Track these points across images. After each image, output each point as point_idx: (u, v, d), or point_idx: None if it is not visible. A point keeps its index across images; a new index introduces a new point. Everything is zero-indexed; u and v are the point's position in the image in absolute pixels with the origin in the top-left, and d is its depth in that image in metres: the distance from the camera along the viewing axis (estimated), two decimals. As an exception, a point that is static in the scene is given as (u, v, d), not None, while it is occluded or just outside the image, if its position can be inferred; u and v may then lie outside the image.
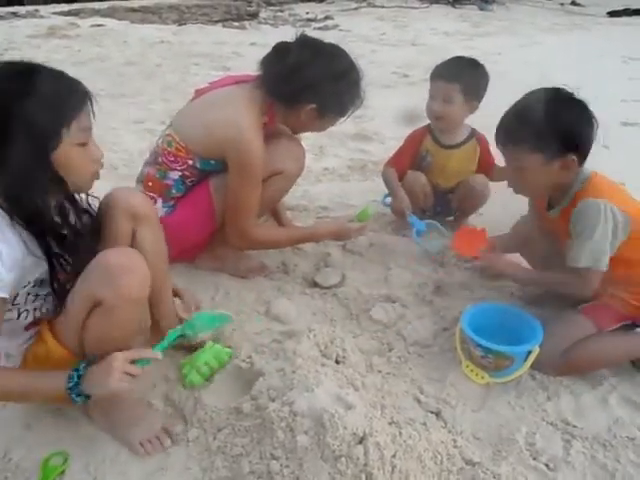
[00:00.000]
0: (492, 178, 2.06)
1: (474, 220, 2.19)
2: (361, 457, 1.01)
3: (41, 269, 1.06)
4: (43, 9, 8.49)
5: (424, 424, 1.17)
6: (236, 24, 7.46)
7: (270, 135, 1.66)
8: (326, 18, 8.05)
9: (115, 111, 3.74)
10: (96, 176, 1.11)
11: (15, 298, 1.06)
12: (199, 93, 1.67)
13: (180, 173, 1.63)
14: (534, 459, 1.16)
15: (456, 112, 1.96)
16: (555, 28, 7.75)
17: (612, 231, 1.30)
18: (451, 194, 2.10)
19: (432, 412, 1.25)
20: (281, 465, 1.05)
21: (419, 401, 1.28)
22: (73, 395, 1.01)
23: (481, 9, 9.49)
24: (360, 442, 1.04)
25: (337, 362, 1.36)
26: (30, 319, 1.12)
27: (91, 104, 1.05)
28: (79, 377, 1.01)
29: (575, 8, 10.02)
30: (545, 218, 1.49)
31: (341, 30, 7.24)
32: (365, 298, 1.70)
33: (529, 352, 1.32)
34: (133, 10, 8.51)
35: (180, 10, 8.72)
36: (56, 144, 0.99)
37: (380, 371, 1.38)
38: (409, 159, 2.09)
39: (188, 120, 1.62)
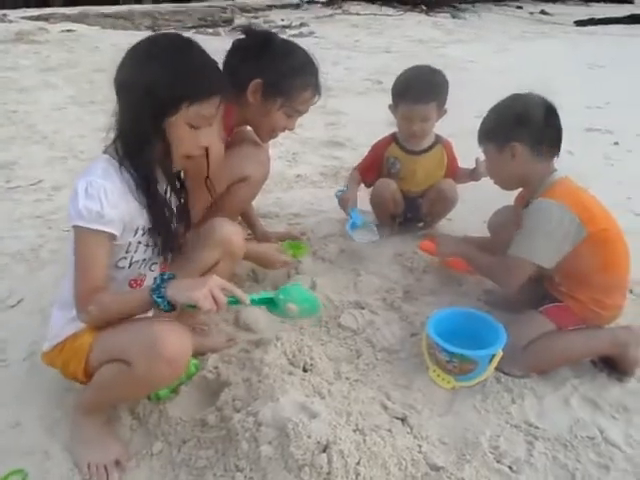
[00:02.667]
0: (457, 181, 2.10)
1: (444, 225, 2.23)
2: (325, 465, 1.01)
3: (147, 217, 1.16)
4: (12, 13, 8.33)
5: (389, 430, 1.18)
6: (210, 30, 7.44)
7: (234, 142, 1.65)
8: (301, 25, 8.10)
9: (83, 118, 3.69)
10: (190, 159, 1.20)
11: (128, 246, 1.17)
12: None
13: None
14: (498, 462, 1.17)
15: (432, 126, 2.00)
16: (525, 36, 7.96)
17: (563, 232, 1.35)
18: (421, 199, 2.12)
19: (398, 418, 1.26)
20: (245, 476, 1.04)
21: (385, 407, 1.28)
22: (155, 296, 1.04)
23: (454, 17, 9.68)
24: (324, 450, 1.04)
25: (305, 370, 1.36)
26: (139, 272, 1.22)
27: (220, 102, 1.16)
28: (162, 281, 1.06)
29: (544, 17, 10.30)
30: (519, 215, 1.53)
31: (316, 37, 7.30)
32: (334, 305, 1.71)
33: (493, 355, 1.34)
34: (105, 16, 8.42)
35: (153, 16, 8.67)
36: (173, 112, 1.10)
37: (348, 378, 1.39)
38: (376, 167, 2.11)
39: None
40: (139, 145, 1.11)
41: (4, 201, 2.50)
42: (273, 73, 1.54)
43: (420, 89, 1.90)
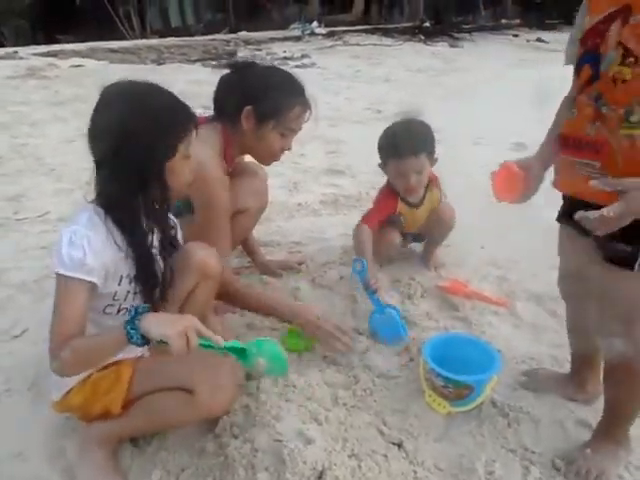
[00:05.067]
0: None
1: (443, 250, 2.25)
2: (320, 492, 1.03)
3: (132, 265, 1.18)
4: (22, 50, 8.62)
5: (385, 456, 1.19)
6: (214, 63, 7.66)
7: (235, 173, 1.71)
8: (303, 57, 8.33)
9: (91, 151, 3.79)
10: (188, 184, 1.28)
11: (115, 294, 1.19)
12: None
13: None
14: (493, 486, 1.18)
15: (426, 177, 2.00)
16: (523, 64, 8.12)
17: None
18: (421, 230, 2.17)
19: (394, 443, 1.27)
20: (242, 503, 1.06)
21: (382, 433, 1.30)
22: (128, 327, 1.03)
23: (451, 46, 9.91)
24: (320, 477, 1.05)
25: (304, 397, 1.38)
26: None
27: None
28: (137, 313, 1.05)
29: (541, 44, 10.52)
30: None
31: (318, 67, 7.49)
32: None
33: (488, 380, 1.36)
34: (112, 51, 8.69)
35: (159, 50, 8.93)
36: (173, 154, 1.17)
37: (345, 404, 1.40)
38: (383, 222, 2.09)
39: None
40: (128, 195, 1.14)
41: (12, 232, 2.57)
42: (260, 98, 1.60)
43: (407, 143, 1.91)
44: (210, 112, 1.72)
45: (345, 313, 1.84)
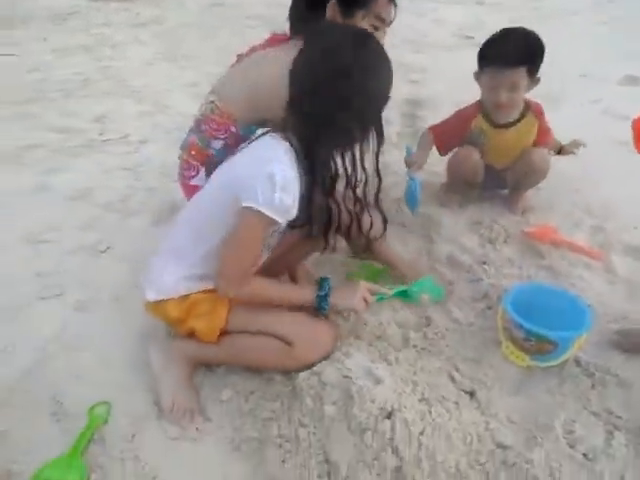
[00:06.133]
0: (550, 147, 1.93)
1: (532, 193, 2.06)
2: (388, 432, 1.01)
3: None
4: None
5: (456, 403, 1.15)
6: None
7: None
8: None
9: (170, 74, 3.80)
10: None
11: (272, 232, 1.22)
12: (240, 58, 1.65)
13: (223, 142, 1.62)
14: (571, 447, 1.11)
15: (522, 96, 1.79)
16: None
17: None
18: (505, 172, 1.98)
19: (466, 392, 1.22)
20: (308, 432, 1.07)
21: (453, 380, 1.25)
22: (322, 302, 1.21)
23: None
24: (388, 417, 1.03)
25: (374, 335, 1.35)
26: (264, 257, 1.28)
27: None
28: (330, 289, 1.22)
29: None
30: None
31: (402, -13, 6.89)
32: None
33: (576, 338, 1.25)
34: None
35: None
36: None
37: (415, 346, 1.36)
38: (456, 137, 1.94)
39: (231, 84, 1.59)
40: (342, 144, 1.17)
41: (98, 153, 2.66)
42: None
43: (509, 52, 1.69)
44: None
45: (420, 253, 1.76)
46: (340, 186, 1.25)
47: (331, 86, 1.09)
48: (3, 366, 1.34)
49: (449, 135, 1.96)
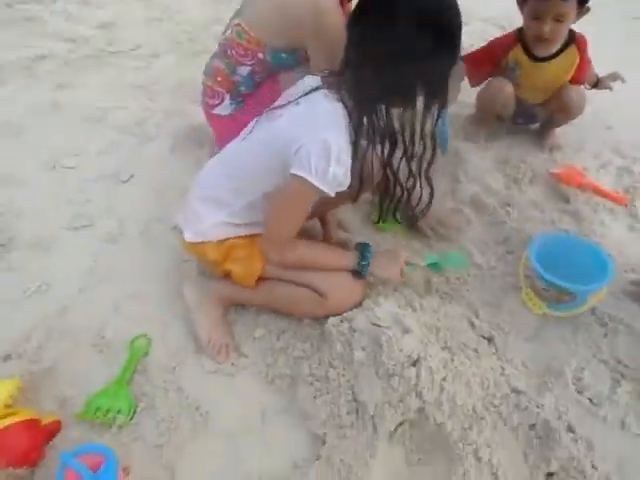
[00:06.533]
0: (588, 82, 1.85)
1: (563, 129, 2.00)
2: (413, 378, 1.09)
3: None
4: None
5: (475, 350, 1.22)
6: None
7: None
8: None
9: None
10: None
11: None
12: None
13: (250, 68, 1.55)
14: (579, 393, 1.20)
15: (567, 28, 1.67)
16: None
17: None
18: (538, 107, 1.90)
19: (484, 337, 1.29)
20: (338, 374, 1.15)
21: (473, 325, 1.31)
22: (363, 270, 1.25)
23: None
24: (413, 365, 1.10)
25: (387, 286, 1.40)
26: None
27: None
28: (371, 256, 1.26)
29: None
30: None
31: None
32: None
33: (595, 291, 1.30)
34: None
35: None
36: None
37: (438, 291, 1.42)
38: (489, 66, 1.85)
39: (259, 10, 1.49)
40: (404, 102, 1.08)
41: (107, 66, 2.55)
42: None
43: None
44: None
45: (445, 193, 1.76)
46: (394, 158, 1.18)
47: (404, 34, 1.00)
48: (42, 302, 1.39)
49: (482, 64, 1.87)
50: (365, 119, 1.08)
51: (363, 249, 1.28)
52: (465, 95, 2.03)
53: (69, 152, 1.95)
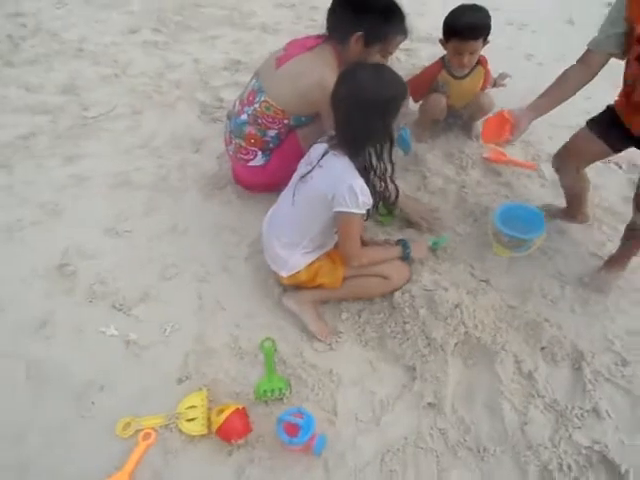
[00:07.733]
0: (490, 85, 2.62)
1: (480, 123, 2.76)
2: (458, 315, 1.78)
3: None
4: None
5: (483, 290, 1.95)
6: None
7: None
8: None
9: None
10: None
11: None
12: (280, 61, 2.03)
13: (277, 131, 2.09)
14: (543, 297, 1.98)
15: (477, 56, 2.41)
16: None
17: None
18: (462, 110, 2.65)
19: (483, 280, 2.02)
20: (411, 327, 1.81)
21: (473, 274, 2.04)
22: (407, 257, 1.94)
23: None
24: (456, 307, 1.80)
25: (421, 263, 2.06)
26: None
27: None
28: (410, 245, 1.94)
29: None
30: None
31: None
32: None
33: (538, 236, 2.07)
34: None
35: None
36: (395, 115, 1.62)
37: (444, 258, 2.11)
38: (426, 87, 2.57)
39: (282, 89, 2.00)
40: (378, 143, 1.65)
41: (102, 131, 2.80)
42: (371, 25, 1.88)
43: (470, 27, 2.27)
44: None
45: (419, 187, 2.44)
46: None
47: (365, 113, 1.55)
48: (181, 337, 1.87)
49: (421, 86, 2.57)
50: (358, 160, 1.63)
51: (403, 243, 1.95)
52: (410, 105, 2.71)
53: (119, 218, 2.30)
